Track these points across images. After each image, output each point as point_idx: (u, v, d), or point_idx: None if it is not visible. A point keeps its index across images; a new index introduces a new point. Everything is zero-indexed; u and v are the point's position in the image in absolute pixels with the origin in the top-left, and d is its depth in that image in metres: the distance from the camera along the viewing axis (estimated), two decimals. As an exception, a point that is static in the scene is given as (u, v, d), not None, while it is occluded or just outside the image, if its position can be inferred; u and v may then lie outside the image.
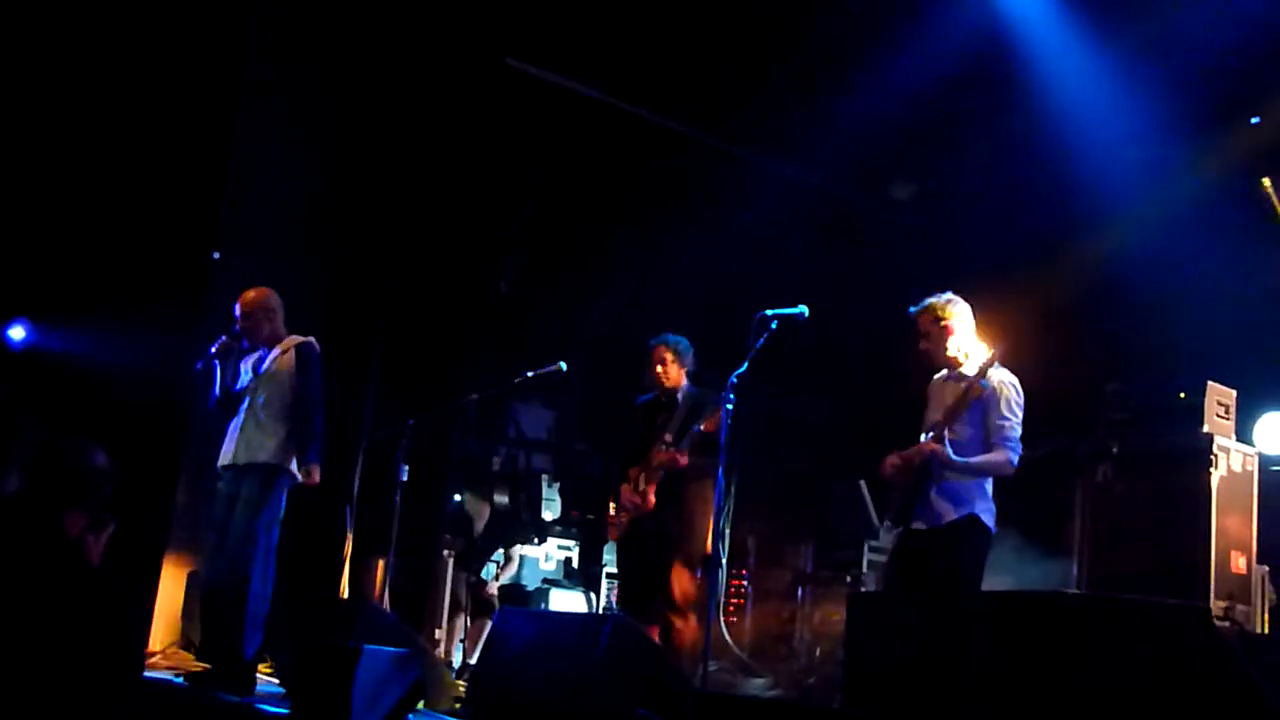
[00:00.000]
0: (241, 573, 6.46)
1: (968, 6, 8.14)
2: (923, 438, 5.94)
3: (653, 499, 7.02)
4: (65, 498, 3.78)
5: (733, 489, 8.49)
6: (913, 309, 6.12)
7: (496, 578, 9.07)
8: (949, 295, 6.10)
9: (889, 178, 10.53)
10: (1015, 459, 5.86)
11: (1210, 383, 7.41)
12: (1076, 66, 8.39)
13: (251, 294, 6.98)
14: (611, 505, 7.24)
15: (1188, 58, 8.03)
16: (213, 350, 6.91)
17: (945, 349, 6.03)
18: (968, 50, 8.38)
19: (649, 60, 9.31)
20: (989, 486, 5.98)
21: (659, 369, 7.21)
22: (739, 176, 10.18)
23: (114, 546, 3.93)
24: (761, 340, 6.14)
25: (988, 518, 5.91)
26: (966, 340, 6.05)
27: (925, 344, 6.08)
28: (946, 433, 5.85)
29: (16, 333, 8.45)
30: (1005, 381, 5.92)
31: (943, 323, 6.02)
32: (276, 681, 6.89)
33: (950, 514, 5.86)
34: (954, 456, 5.79)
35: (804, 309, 6.17)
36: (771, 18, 8.83)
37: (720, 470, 6.12)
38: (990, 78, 8.68)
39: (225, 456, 6.83)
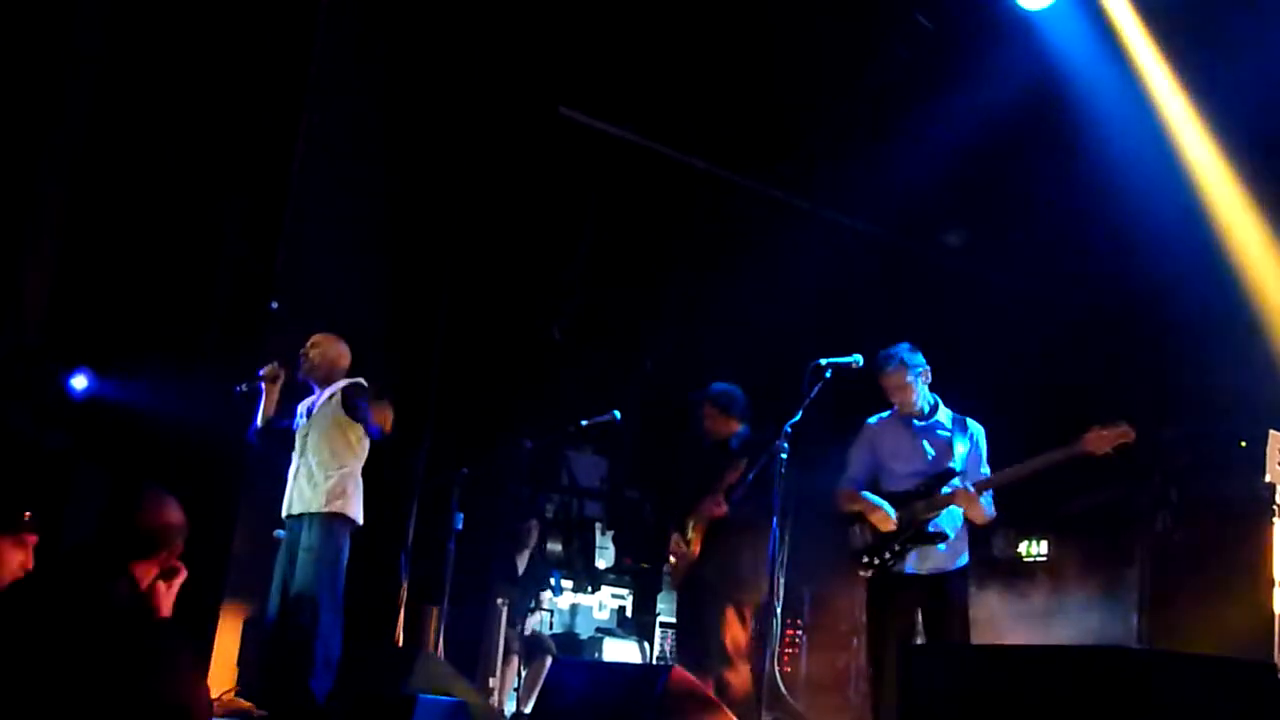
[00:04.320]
0: (312, 618, 6.50)
1: (1022, 54, 8.13)
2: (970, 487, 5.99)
3: (697, 548, 7.03)
4: (138, 549, 3.81)
5: (787, 537, 8.44)
6: (886, 356, 6.36)
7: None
8: (909, 345, 6.39)
9: (941, 225, 10.50)
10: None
11: (1272, 431, 7.31)
12: (1130, 113, 8.36)
13: (324, 335, 7.06)
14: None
15: (1244, 103, 7.98)
16: (260, 373, 6.96)
17: (917, 395, 6.34)
18: (1021, 97, 8.37)
19: (701, 109, 9.36)
20: None
21: (706, 423, 7.25)
22: (791, 224, 10.18)
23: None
24: (816, 389, 6.13)
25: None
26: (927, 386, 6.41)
27: (901, 393, 6.34)
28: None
29: (79, 382, 8.55)
30: (981, 428, 6.33)
31: (922, 371, 6.35)
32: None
33: (949, 560, 6.15)
34: (991, 510, 6.08)
35: (859, 357, 6.17)
36: (824, 66, 8.86)
37: (774, 519, 6.10)
38: (1043, 125, 8.66)
39: (286, 506, 6.88)
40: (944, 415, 6.32)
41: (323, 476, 6.78)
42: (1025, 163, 8.98)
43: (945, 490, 6.10)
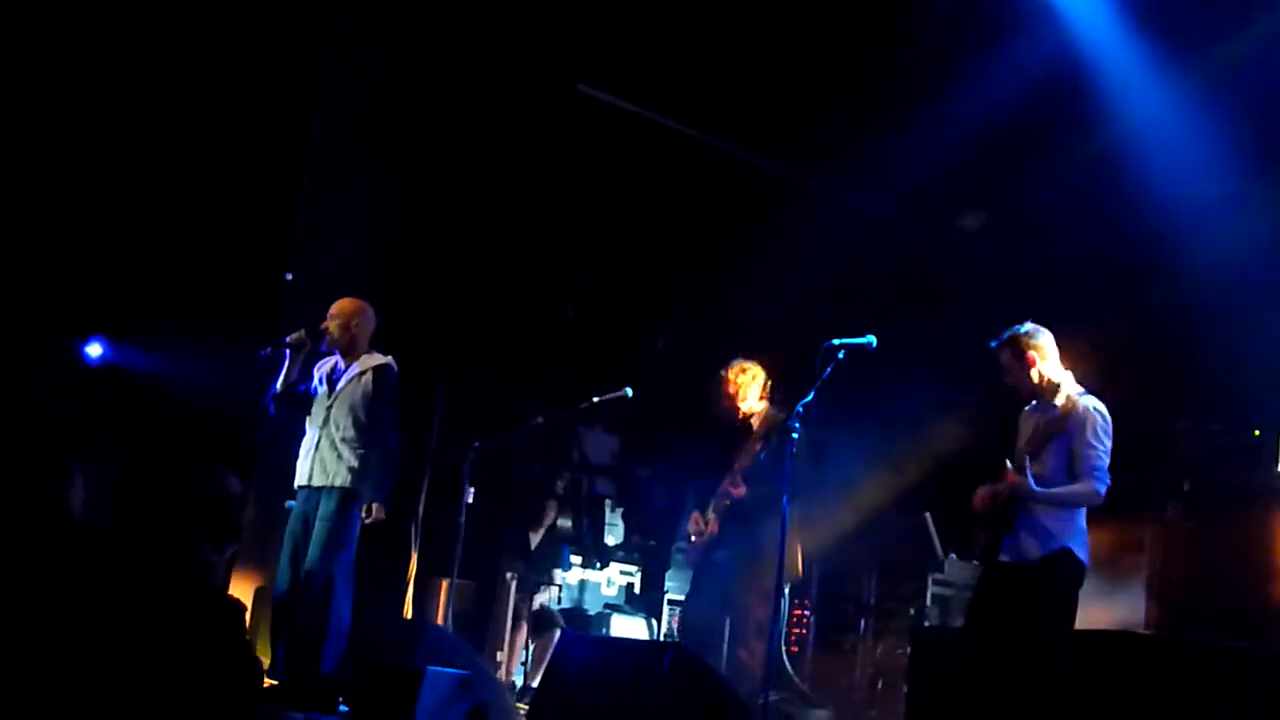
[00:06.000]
0: (324, 590, 6.53)
1: (1041, 36, 8.09)
2: (1007, 468, 5.90)
3: (715, 527, 7.04)
4: (200, 524, 3.83)
5: (797, 518, 8.45)
6: (994, 343, 6.10)
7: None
8: (1029, 326, 6.07)
9: (958, 208, 10.47)
10: (1102, 489, 5.81)
11: (1286, 421, 7.31)
12: (1151, 98, 8.32)
13: (347, 301, 7.05)
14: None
15: (1266, 90, 7.93)
16: (286, 340, 6.97)
17: (1029, 380, 6.00)
18: (1040, 80, 8.33)
19: (719, 88, 9.34)
20: (1081, 519, 5.90)
21: (726, 403, 7.21)
22: (807, 204, 10.17)
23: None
24: (829, 369, 6.11)
25: (1080, 551, 5.85)
26: (1051, 370, 6.00)
27: (1009, 378, 6.07)
28: (1031, 463, 5.81)
29: (94, 349, 8.59)
30: (1092, 409, 5.87)
31: (1025, 354, 6.00)
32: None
33: (1039, 548, 5.81)
34: (1035, 488, 5.77)
35: (872, 339, 6.13)
36: (843, 47, 8.83)
37: (785, 499, 6.10)
38: (1063, 109, 8.63)
39: (301, 476, 6.89)
40: (1061, 397, 5.86)
41: (348, 451, 6.80)
42: (1043, 145, 8.94)
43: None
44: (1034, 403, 6.09)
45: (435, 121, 9.21)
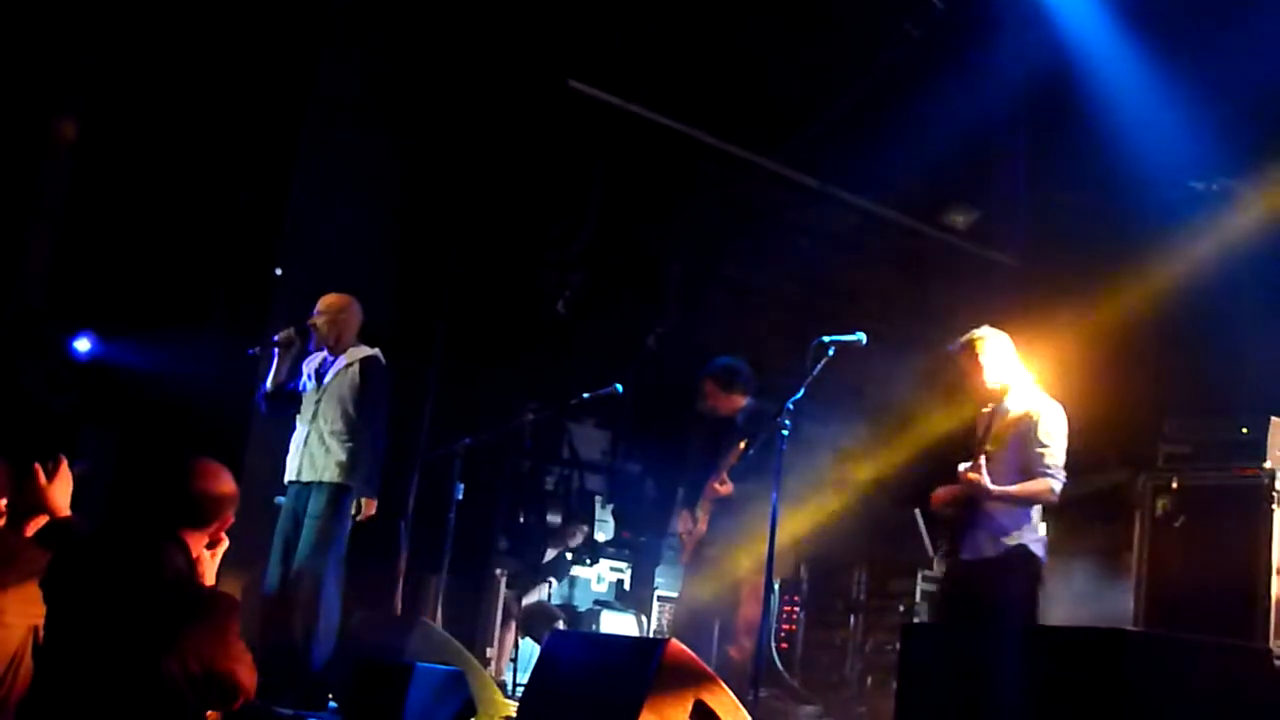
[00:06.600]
0: (314, 586, 6.52)
1: (1032, 35, 8.11)
2: (961, 469, 5.96)
3: (704, 526, 7.06)
4: (193, 519, 3.83)
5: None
6: (950, 347, 6.18)
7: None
8: (983, 330, 6.17)
9: (948, 205, 10.48)
10: (1057, 486, 5.92)
11: (1274, 418, 7.32)
12: (1140, 96, 8.34)
13: (333, 297, 7.05)
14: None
15: (1254, 88, 7.96)
16: (275, 339, 6.96)
17: (983, 382, 6.10)
18: (1030, 78, 8.35)
19: (711, 84, 9.34)
20: (1035, 515, 5.99)
21: (708, 400, 7.24)
22: (798, 201, 10.17)
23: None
24: (819, 366, 6.13)
25: (1037, 547, 5.96)
26: (1005, 372, 6.10)
27: (966, 380, 6.17)
28: (986, 463, 5.88)
29: (82, 344, 8.57)
30: (1044, 409, 5.98)
31: (978, 358, 6.09)
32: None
33: (993, 545, 5.92)
34: (990, 487, 5.85)
35: (862, 335, 6.16)
36: (833, 44, 8.84)
37: (775, 495, 6.10)
38: (1052, 107, 8.65)
39: (290, 472, 6.88)
40: (1014, 399, 6.04)
41: (337, 445, 6.80)
42: (1032, 143, 8.97)
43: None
44: (990, 404, 6.16)
45: (426, 118, 9.19)
